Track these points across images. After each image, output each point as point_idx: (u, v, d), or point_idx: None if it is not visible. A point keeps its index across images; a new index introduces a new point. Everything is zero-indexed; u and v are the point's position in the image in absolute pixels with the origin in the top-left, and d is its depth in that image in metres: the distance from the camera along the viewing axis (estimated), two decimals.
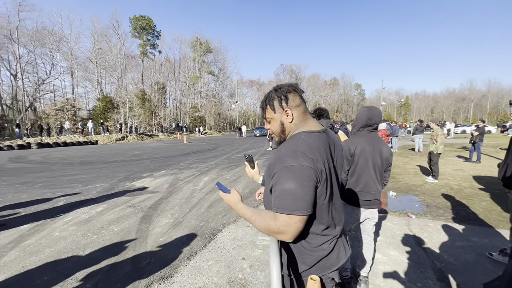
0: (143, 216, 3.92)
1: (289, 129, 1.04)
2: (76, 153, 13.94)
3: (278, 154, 0.96)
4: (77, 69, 36.19)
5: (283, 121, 1.03)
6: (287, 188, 0.85)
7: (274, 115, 1.03)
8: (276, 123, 1.04)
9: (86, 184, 6.14)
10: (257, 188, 5.54)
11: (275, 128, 1.05)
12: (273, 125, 1.05)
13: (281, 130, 1.04)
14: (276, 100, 1.02)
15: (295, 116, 1.02)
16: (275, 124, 1.04)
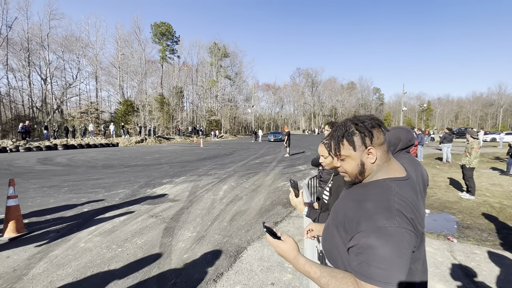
0: (165, 228, 3.86)
1: (369, 171, 0.87)
2: (98, 156, 14.42)
3: (364, 208, 0.79)
4: (101, 73, 37.92)
5: (364, 161, 0.86)
6: (381, 255, 0.68)
7: (352, 153, 0.87)
8: (353, 162, 0.87)
9: (109, 190, 6.24)
10: (278, 199, 5.36)
11: (351, 168, 0.88)
12: (348, 164, 0.88)
13: (360, 171, 0.87)
14: (357, 136, 0.86)
15: (379, 156, 0.86)
16: (351, 164, 0.88)
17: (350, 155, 0.87)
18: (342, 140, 0.87)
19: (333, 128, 0.93)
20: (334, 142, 0.89)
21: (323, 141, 1.59)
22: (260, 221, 4.13)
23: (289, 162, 11.34)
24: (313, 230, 1.35)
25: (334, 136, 0.90)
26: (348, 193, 0.95)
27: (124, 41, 38.35)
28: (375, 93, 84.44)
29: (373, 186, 0.85)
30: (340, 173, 0.94)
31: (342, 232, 0.85)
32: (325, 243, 1.01)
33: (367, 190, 0.85)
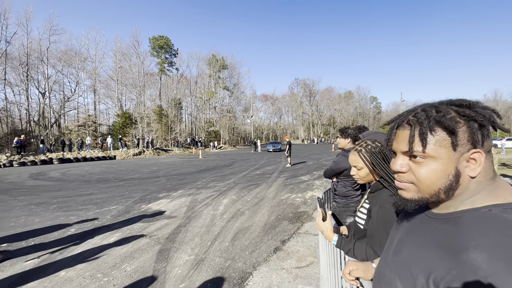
0: (160, 250, 3.43)
1: (463, 189, 0.53)
2: (94, 169, 13.98)
3: (471, 264, 0.44)
4: (100, 86, 37.96)
5: (461, 172, 0.52)
6: None
7: (445, 153, 0.51)
8: (441, 168, 0.52)
9: (101, 206, 5.81)
10: (283, 213, 4.96)
11: (431, 178, 0.53)
12: (428, 170, 0.53)
13: (448, 186, 0.52)
14: (463, 128, 0.51)
15: (485, 168, 0.52)
16: (435, 170, 0.52)
17: (440, 156, 0.52)
18: (434, 128, 0.52)
19: (407, 112, 0.59)
20: (419, 129, 0.53)
21: (356, 148, 1.25)
22: (265, 240, 3.72)
23: (291, 172, 10.95)
24: (355, 269, 0.98)
25: (418, 120, 0.54)
26: (418, 228, 0.60)
27: (123, 54, 38.70)
28: (372, 101, 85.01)
29: (475, 221, 0.49)
30: (400, 183, 0.58)
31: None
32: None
33: (462, 227, 0.50)
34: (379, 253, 1.08)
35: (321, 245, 2.32)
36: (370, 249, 1.10)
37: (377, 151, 1.18)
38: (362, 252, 1.14)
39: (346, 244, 1.23)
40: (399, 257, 0.60)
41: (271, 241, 3.70)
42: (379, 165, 1.16)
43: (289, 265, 2.99)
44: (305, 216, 4.85)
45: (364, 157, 1.20)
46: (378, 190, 1.18)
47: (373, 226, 1.12)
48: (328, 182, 5.54)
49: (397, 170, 0.58)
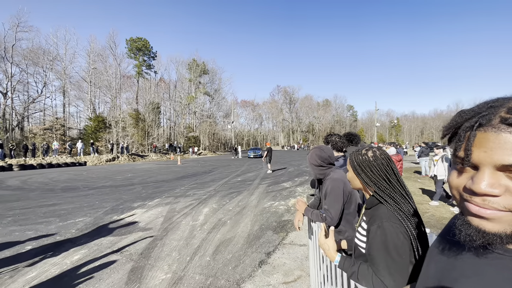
0: (132, 268, 3.07)
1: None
2: (60, 177, 12.84)
3: None
4: (70, 88, 35.63)
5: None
6: None
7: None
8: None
9: (65, 219, 5.22)
10: (267, 223, 4.76)
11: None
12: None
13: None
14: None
15: None
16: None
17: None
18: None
19: (487, 107, 0.42)
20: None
21: (353, 151, 1.14)
22: (249, 253, 3.49)
23: (272, 179, 10.83)
24: None
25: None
26: (483, 269, 0.44)
27: (98, 55, 36.80)
28: (349, 110, 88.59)
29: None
30: (483, 210, 0.40)
31: None
32: None
33: None
34: (385, 281, 0.93)
35: (311, 259, 2.16)
36: (380, 281, 0.95)
37: (364, 159, 1.08)
38: (368, 278, 0.98)
39: (349, 266, 1.07)
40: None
41: (255, 253, 3.48)
42: (365, 175, 1.07)
43: (275, 280, 2.79)
44: (289, 225, 4.69)
45: (351, 161, 1.13)
46: (374, 206, 1.04)
47: (372, 250, 0.97)
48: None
49: (484, 192, 0.40)
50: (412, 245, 0.91)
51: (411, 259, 0.91)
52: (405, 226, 0.92)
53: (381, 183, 1.03)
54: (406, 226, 0.92)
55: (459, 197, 0.45)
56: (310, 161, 1.96)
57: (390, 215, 0.95)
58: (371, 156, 1.07)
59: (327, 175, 1.85)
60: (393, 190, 1.01)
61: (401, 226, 0.92)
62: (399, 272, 0.90)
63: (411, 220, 0.94)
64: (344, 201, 1.70)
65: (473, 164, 0.42)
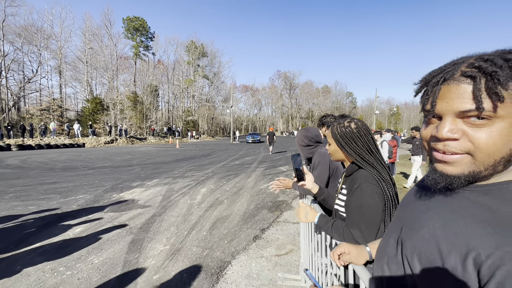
0: (132, 240, 3.22)
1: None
2: (59, 157, 12.92)
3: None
4: (66, 68, 34.87)
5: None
6: None
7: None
8: (507, 132, 0.42)
9: (66, 195, 5.35)
10: (262, 203, 4.91)
11: (500, 142, 0.42)
12: (493, 134, 0.42)
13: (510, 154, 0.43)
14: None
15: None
16: (502, 133, 0.42)
17: (510, 115, 0.41)
18: (509, 80, 0.41)
19: (451, 65, 0.47)
20: (488, 81, 0.41)
21: (333, 124, 1.19)
22: (244, 228, 3.65)
23: (270, 163, 10.98)
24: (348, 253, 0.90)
25: (485, 71, 0.42)
26: (445, 202, 0.51)
27: (93, 34, 35.73)
28: (348, 97, 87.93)
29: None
30: (444, 155, 0.47)
31: (451, 281, 0.43)
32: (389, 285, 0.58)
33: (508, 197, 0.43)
34: (353, 233, 1.03)
35: (302, 232, 2.29)
36: (347, 230, 1.04)
37: (347, 131, 1.12)
38: (340, 231, 1.08)
39: (326, 222, 1.17)
40: (421, 233, 0.51)
41: (250, 229, 3.63)
42: (348, 145, 1.11)
43: (268, 253, 2.95)
44: (284, 205, 4.85)
45: (334, 134, 1.15)
46: (354, 172, 1.11)
47: (348, 207, 1.06)
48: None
49: (446, 137, 0.45)
50: (385, 206, 0.99)
51: (382, 218, 1.00)
52: (381, 187, 1.00)
53: (364, 154, 1.09)
54: (382, 187, 1.00)
55: (428, 147, 0.51)
56: (298, 142, 2.04)
57: (369, 176, 1.03)
58: (354, 128, 1.12)
59: (315, 152, 1.93)
60: (374, 159, 1.08)
61: (377, 187, 1.00)
62: (368, 228, 1.00)
63: (387, 184, 1.02)
64: (330, 174, 1.79)
65: (437, 115, 0.47)
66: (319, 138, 1.98)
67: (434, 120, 0.49)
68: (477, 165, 0.44)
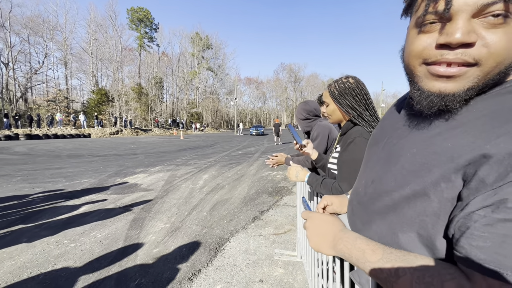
0: (133, 219, 3.29)
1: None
2: (65, 146, 13.16)
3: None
4: (72, 59, 35.10)
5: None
6: None
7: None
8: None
9: (71, 179, 5.47)
10: (263, 188, 4.95)
11: (506, 45, 0.36)
12: (505, 37, 0.36)
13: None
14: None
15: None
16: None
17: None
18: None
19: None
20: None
21: (329, 84, 1.18)
22: (244, 210, 3.70)
23: (273, 153, 10.98)
24: (331, 204, 0.92)
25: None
26: (417, 127, 0.48)
27: (98, 25, 35.74)
28: None
29: (508, 95, 0.39)
30: (448, 69, 0.39)
31: (448, 183, 0.39)
32: (363, 225, 0.59)
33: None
34: (342, 186, 1.04)
35: (299, 210, 2.31)
36: (337, 185, 1.05)
37: (346, 87, 1.10)
38: (328, 186, 1.10)
39: (316, 179, 1.18)
40: (400, 164, 0.49)
41: (250, 211, 3.68)
42: (346, 101, 1.09)
43: (267, 232, 2.99)
44: (284, 190, 4.88)
45: (331, 92, 1.13)
46: (349, 130, 1.11)
47: (340, 160, 1.07)
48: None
49: (462, 41, 0.36)
50: None
51: None
52: None
53: (361, 110, 1.08)
54: None
55: (420, 64, 0.43)
56: (297, 116, 2.04)
57: (363, 131, 1.03)
58: (352, 82, 1.11)
59: (314, 125, 1.93)
60: (370, 115, 1.08)
61: None
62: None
63: None
64: (328, 146, 1.79)
65: (449, 15, 0.38)
66: (318, 112, 1.98)
67: (436, 26, 0.40)
68: (479, 79, 0.38)
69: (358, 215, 0.60)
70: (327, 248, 0.54)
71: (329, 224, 0.56)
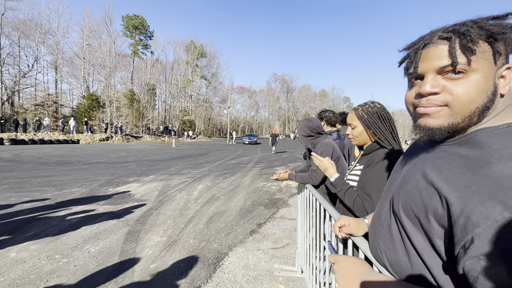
0: (128, 231, 3.21)
1: (494, 107, 0.50)
2: (53, 152, 12.77)
3: (492, 176, 0.41)
4: (63, 64, 34.55)
5: (497, 88, 0.49)
6: None
7: (484, 66, 0.47)
8: (483, 82, 0.47)
9: (60, 188, 5.30)
10: (259, 200, 4.94)
11: (470, 94, 0.48)
12: (468, 86, 0.48)
13: (486, 104, 0.48)
14: (502, 40, 0.47)
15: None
16: (476, 84, 0.47)
17: (483, 69, 0.47)
18: (478, 38, 0.46)
19: (430, 33, 0.53)
20: (461, 40, 0.47)
21: (354, 107, 1.23)
22: (241, 223, 3.66)
23: (266, 163, 11.01)
24: (348, 225, 0.94)
25: (458, 31, 0.48)
26: (427, 157, 0.56)
27: (92, 31, 35.52)
28: (345, 101, 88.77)
29: (496, 137, 0.47)
30: (426, 108, 0.52)
31: (436, 226, 0.47)
32: (386, 247, 0.62)
33: (481, 145, 0.47)
34: (367, 207, 1.07)
35: (299, 223, 2.32)
36: (360, 199, 1.09)
37: (374, 111, 1.16)
38: (352, 197, 1.13)
39: (342, 184, 1.21)
40: (406, 188, 0.56)
41: (247, 224, 3.65)
42: (375, 125, 1.14)
43: (265, 246, 2.97)
44: (280, 202, 4.88)
45: (360, 115, 1.18)
46: (374, 151, 1.16)
47: (365, 178, 1.11)
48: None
49: (428, 91, 0.50)
50: None
51: None
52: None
53: (387, 133, 1.15)
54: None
55: (413, 109, 0.57)
56: (300, 132, 2.08)
57: (389, 155, 1.09)
58: (379, 107, 1.18)
59: (317, 142, 1.98)
60: (393, 139, 1.14)
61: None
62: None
63: None
64: None
65: (419, 75, 0.53)
66: (321, 129, 2.03)
67: (417, 82, 0.55)
68: (455, 117, 0.50)
69: (381, 238, 0.64)
70: (359, 281, 0.57)
71: (358, 267, 0.59)
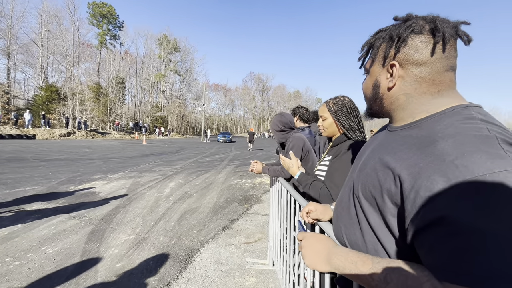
0: (92, 231, 3.01)
1: (392, 98, 0.62)
2: (4, 147, 11.48)
3: (436, 152, 0.45)
4: (17, 50, 31.08)
5: (380, 82, 0.65)
6: (503, 233, 0.36)
7: (372, 68, 0.67)
8: (368, 80, 0.69)
9: (12, 187, 4.79)
10: (233, 196, 4.93)
11: (365, 88, 0.70)
12: (364, 83, 0.71)
13: (372, 96, 0.68)
14: (384, 44, 0.62)
15: (411, 83, 0.60)
16: (366, 82, 0.70)
17: (372, 70, 0.67)
18: (370, 47, 0.66)
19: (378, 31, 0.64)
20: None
21: (327, 100, 1.29)
22: (214, 219, 3.63)
23: (241, 161, 11.02)
24: (315, 211, 0.99)
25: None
26: (382, 142, 0.62)
27: (52, 16, 32.40)
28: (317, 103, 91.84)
29: (440, 120, 0.52)
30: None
31: (389, 204, 0.51)
32: (346, 229, 0.66)
33: (428, 127, 0.52)
34: (333, 195, 1.13)
35: (271, 218, 2.37)
36: (325, 189, 1.15)
37: (344, 104, 1.24)
38: (318, 188, 1.18)
39: (306, 179, 1.26)
40: (365, 171, 0.60)
41: (219, 220, 3.63)
42: (343, 117, 1.21)
43: (237, 241, 2.98)
44: (254, 198, 4.92)
45: (330, 108, 1.25)
46: (341, 143, 1.23)
47: (333, 168, 1.17)
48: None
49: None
50: None
51: None
52: None
53: (354, 126, 1.23)
54: None
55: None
56: (272, 127, 2.12)
57: (355, 146, 1.16)
58: (348, 101, 1.26)
59: (289, 137, 2.03)
60: (359, 132, 1.22)
61: None
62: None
63: None
64: (302, 157, 1.90)
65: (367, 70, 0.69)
66: (293, 124, 2.08)
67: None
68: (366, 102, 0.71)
69: (342, 220, 0.68)
70: (322, 264, 0.60)
71: (323, 241, 0.63)
